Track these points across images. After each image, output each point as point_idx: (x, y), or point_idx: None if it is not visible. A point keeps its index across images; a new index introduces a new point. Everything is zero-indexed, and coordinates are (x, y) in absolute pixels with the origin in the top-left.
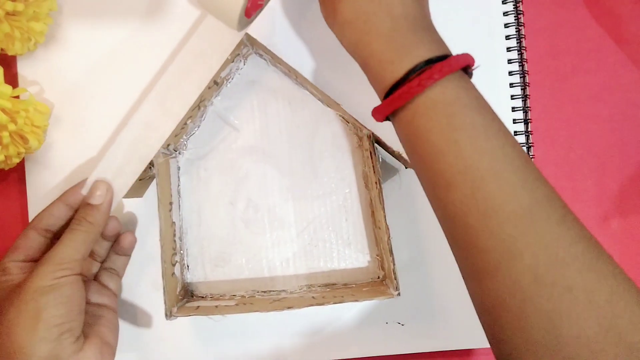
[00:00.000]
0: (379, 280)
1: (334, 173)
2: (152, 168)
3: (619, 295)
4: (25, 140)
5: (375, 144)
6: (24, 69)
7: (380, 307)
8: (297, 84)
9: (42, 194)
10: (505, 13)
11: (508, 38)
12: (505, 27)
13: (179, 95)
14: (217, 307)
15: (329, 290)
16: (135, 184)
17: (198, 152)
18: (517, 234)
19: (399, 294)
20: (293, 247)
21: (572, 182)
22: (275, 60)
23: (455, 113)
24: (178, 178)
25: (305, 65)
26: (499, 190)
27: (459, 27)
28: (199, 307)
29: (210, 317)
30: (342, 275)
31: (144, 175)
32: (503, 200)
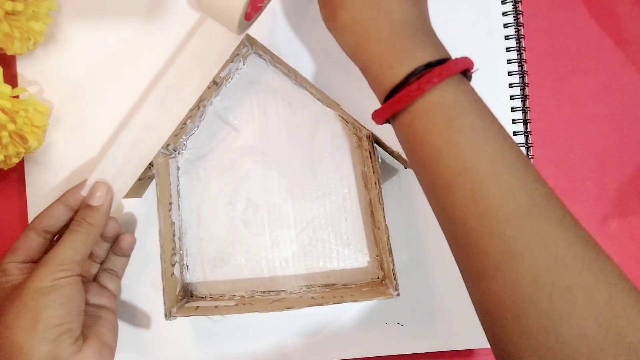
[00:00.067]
0: (379, 281)
1: (334, 173)
2: (151, 168)
3: (618, 296)
4: (25, 140)
5: (375, 144)
6: (24, 69)
7: (380, 307)
8: (296, 84)
9: (41, 194)
10: (505, 13)
11: (507, 38)
12: (505, 27)
13: (179, 97)
14: (216, 307)
15: (329, 291)
16: (135, 184)
17: (197, 152)
18: (516, 235)
19: (399, 294)
20: (292, 247)
21: (571, 182)
22: (275, 60)
23: (455, 116)
24: (177, 178)
25: (305, 66)
26: (498, 192)
27: (459, 27)
28: (199, 307)
29: (210, 317)
30: (341, 276)
31: (144, 175)
32: (502, 202)
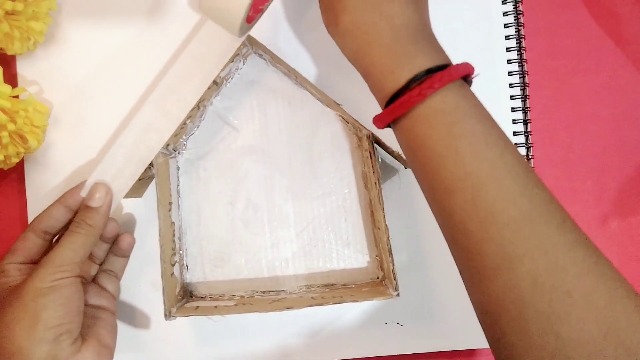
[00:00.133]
0: (378, 281)
1: (334, 173)
2: (151, 168)
3: (618, 299)
4: (25, 140)
5: (375, 144)
6: (24, 69)
7: (380, 307)
8: (296, 84)
9: (41, 194)
10: (505, 13)
11: (508, 38)
12: (505, 27)
13: (180, 98)
14: (216, 307)
15: (328, 291)
16: (135, 184)
17: (197, 152)
18: (516, 239)
19: (399, 295)
20: (292, 247)
21: (571, 182)
22: (275, 60)
23: (456, 121)
24: (177, 178)
25: (305, 65)
26: (499, 197)
27: (459, 27)
28: (198, 307)
29: (210, 317)
30: (341, 276)
31: (144, 175)
32: (503, 206)
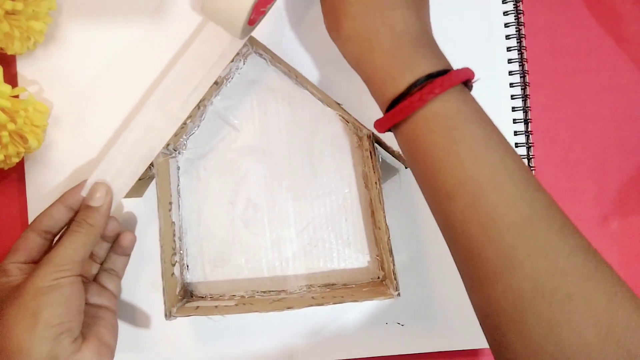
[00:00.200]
0: (379, 281)
1: (334, 173)
2: (151, 168)
3: (617, 303)
4: (25, 140)
5: (375, 144)
6: (24, 69)
7: (380, 307)
8: (297, 84)
9: (41, 194)
10: (505, 12)
11: (508, 38)
12: (505, 26)
13: (181, 99)
14: (216, 307)
15: (329, 291)
16: (135, 184)
17: (198, 151)
18: (517, 244)
19: (399, 295)
20: (292, 247)
21: (572, 182)
22: (275, 60)
23: (456, 126)
24: (178, 178)
25: (305, 65)
26: (499, 201)
27: (459, 26)
28: (199, 307)
29: (210, 317)
30: (341, 276)
31: (144, 175)
32: (503, 211)
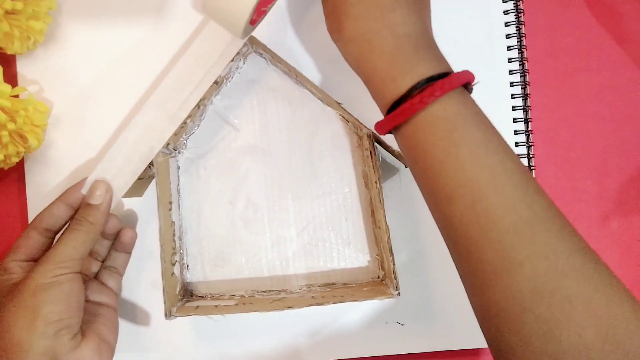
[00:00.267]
0: (379, 280)
1: (334, 172)
2: (151, 167)
3: (616, 304)
4: (25, 140)
5: (375, 143)
6: (24, 68)
7: (380, 307)
8: (297, 83)
9: (41, 193)
10: (506, 12)
11: (508, 37)
12: (506, 25)
13: (181, 98)
14: (216, 306)
15: (329, 290)
16: (135, 183)
17: (198, 151)
18: (516, 246)
19: (399, 294)
20: (293, 246)
21: (572, 182)
22: (275, 59)
23: (456, 128)
24: (178, 177)
25: (305, 65)
26: (499, 203)
27: (459, 26)
28: (199, 306)
29: (210, 316)
30: (341, 275)
31: (144, 175)
32: (503, 213)
